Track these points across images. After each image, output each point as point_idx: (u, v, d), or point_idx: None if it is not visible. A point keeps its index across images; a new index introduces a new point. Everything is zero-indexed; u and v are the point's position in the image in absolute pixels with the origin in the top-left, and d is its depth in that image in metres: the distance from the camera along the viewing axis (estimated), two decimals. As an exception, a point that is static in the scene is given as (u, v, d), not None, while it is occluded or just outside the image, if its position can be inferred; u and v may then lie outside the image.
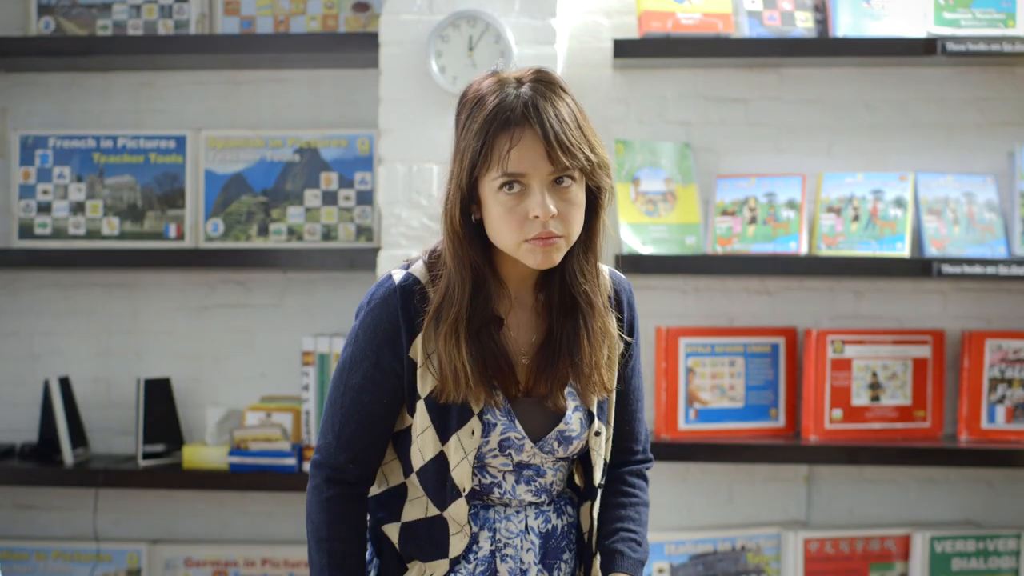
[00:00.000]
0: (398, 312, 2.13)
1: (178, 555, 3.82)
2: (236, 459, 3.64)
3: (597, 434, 2.21)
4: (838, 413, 3.64)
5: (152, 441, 3.73)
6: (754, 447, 3.59)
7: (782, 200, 3.64)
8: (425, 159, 3.51)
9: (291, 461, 3.62)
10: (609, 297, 2.23)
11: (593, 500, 2.25)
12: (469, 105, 2.12)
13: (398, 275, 2.16)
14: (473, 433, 2.12)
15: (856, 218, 3.61)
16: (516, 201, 2.06)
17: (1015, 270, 3.49)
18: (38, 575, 3.82)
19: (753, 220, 3.64)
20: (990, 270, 3.49)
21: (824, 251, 3.60)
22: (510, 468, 2.18)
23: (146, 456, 3.72)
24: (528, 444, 2.16)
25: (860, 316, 3.78)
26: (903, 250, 3.57)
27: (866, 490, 3.80)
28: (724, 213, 3.66)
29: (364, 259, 3.60)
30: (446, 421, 2.13)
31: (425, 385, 2.13)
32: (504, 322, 2.15)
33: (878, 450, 3.57)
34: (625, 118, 3.78)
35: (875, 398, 3.66)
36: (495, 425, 2.14)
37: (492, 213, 2.08)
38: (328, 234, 3.76)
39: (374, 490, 2.24)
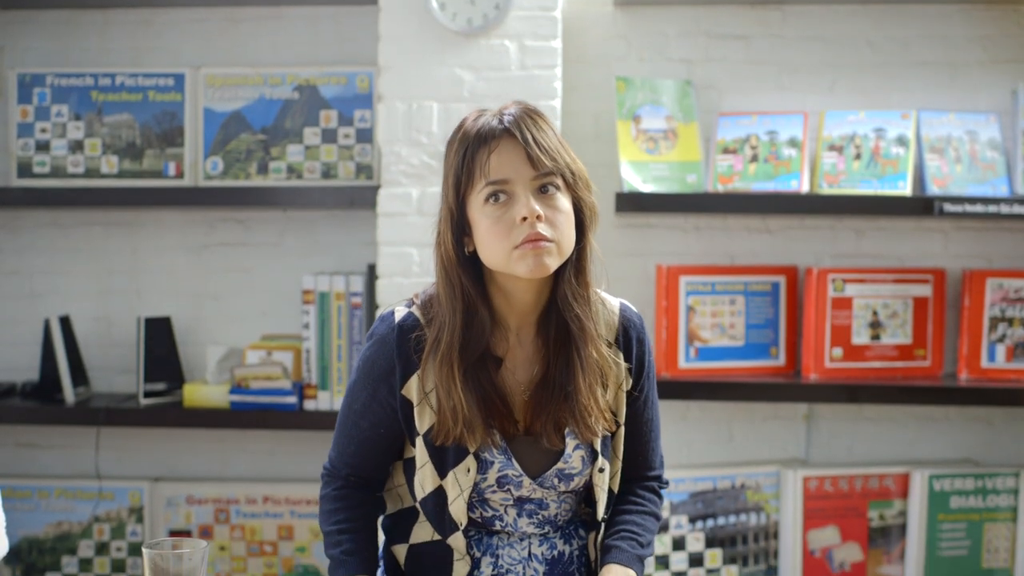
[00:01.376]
0: (394, 351, 2.16)
1: (179, 493, 3.84)
2: (237, 397, 3.64)
3: (601, 470, 2.20)
4: (838, 351, 3.64)
5: (153, 380, 3.74)
6: (754, 385, 3.59)
7: (783, 138, 3.62)
8: (425, 97, 3.49)
9: (292, 399, 3.63)
10: (617, 334, 2.23)
11: (598, 532, 2.26)
12: (453, 134, 2.15)
13: (399, 313, 2.18)
14: (469, 471, 2.14)
15: (858, 156, 3.59)
16: (503, 210, 2.07)
17: (1016, 209, 3.48)
18: (40, 513, 3.84)
19: (754, 158, 3.62)
20: (991, 209, 3.48)
21: (825, 189, 3.59)
22: (511, 502, 2.19)
23: (147, 395, 3.72)
24: (527, 481, 2.17)
25: (861, 254, 3.77)
26: (905, 188, 3.56)
27: (866, 428, 3.81)
28: (725, 151, 3.64)
29: (364, 197, 3.59)
30: (443, 458, 2.15)
31: (423, 422, 2.15)
32: (503, 362, 2.16)
33: (878, 388, 3.57)
34: (626, 55, 3.76)
35: (875, 337, 3.66)
36: (492, 463, 2.15)
37: (481, 228, 2.09)
38: (328, 172, 3.75)
39: (389, 508, 2.29)
